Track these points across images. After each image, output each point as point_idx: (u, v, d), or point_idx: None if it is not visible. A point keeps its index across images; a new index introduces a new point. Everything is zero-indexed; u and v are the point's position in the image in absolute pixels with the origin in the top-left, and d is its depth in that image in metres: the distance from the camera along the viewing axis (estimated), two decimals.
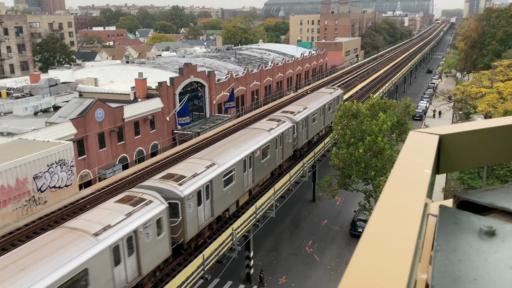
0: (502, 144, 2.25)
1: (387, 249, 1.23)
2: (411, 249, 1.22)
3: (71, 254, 14.77)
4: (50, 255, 14.45)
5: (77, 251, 14.99)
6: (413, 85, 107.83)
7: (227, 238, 24.32)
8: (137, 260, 17.65)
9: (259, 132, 29.54)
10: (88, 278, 15.14)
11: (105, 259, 15.90)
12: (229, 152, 25.45)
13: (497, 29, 72.40)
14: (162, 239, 18.98)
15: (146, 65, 55.30)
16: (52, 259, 14.29)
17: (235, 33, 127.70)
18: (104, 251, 15.82)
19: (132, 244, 17.29)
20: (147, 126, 41.38)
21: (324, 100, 41.56)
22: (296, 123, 34.16)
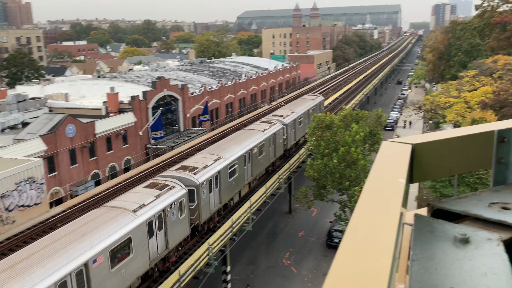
0: (472, 152, 2.29)
1: (365, 260, 1.22)
2: (388, 259, 1.21)
3: (119, 224, 18.10)
4: (103, 224, 17.76)
5: (122, 223, 18.26)
6: (384, 96, 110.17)
7: (203, 253, 24.02)
8: (165, 235, 20.82)
9: (254, 132, 33.46)
10: (131, 245, 18.40)
11: (142, 231, 19.13)
12: (232, 149, 29.12)
13: (462, 41, 75.02)
14: (183, 219, 22.25)
15: (118, 80, 54.66)
16: (105, 227, 17.61)
17: (208, 47, 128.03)
18: (142, 225, 19.08)
19: (162, 221, 20.40)
20: (120, 141, 40.76)
21: (308, 105, 45.82)
22: (285, 125, 37.97)
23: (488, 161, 2.24)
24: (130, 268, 18.48)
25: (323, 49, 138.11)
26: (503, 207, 1.90)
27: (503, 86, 46.88)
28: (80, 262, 15.82)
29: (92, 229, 17.29)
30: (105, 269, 16.98)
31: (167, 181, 22.38)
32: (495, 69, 54.78)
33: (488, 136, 2.21)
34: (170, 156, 38.34)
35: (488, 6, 77.69)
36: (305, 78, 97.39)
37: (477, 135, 2.25)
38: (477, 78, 53.92)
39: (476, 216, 1.83)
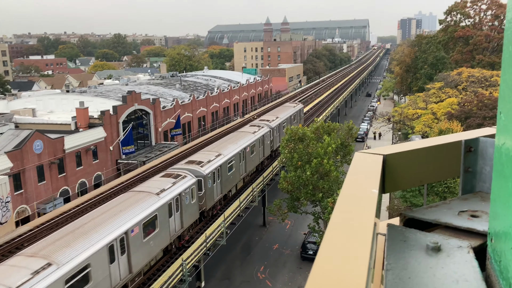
0: (441, 162, 2.34)
1: (341, 271, 1.22)
2: (364, 270, 1.22)
3: (147, 204, 21.90)
4: (135, 203, 21.62)
5: (149, 202, 22.08)
6: (354, 108, 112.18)
7: (176, 269, 23.63)
8: (181, 216, 24.47)
9: (246, 134, 38.00)
10: (156, 222, 22.13)
11: (165, 210, 22.90)
12: (229, 147, 33.57)
13: (428, 54, 77.46)
14: (194, 204, 26.20)
15: (87, 94, 53.74)
16: (137, 206, 21.49)
17: (180, 60, 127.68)
18: (164, 205, 22.80)
19: (178, 204, 24.15)
20: (90, 157, 39.92)
21: (290, 111, 51.18)
22: (272, 129, 42.61)
23: (456, 170, 2.30)
24: (156, 240, 22.19)
25: (294, 63, 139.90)
26: (472, 215, 1.95)
27: (468, 98, 48.54)
28: (122, 230, 19.61)
29: (127, 207, 21.22)
30: (139, 238, 20.81)
31: (180, 171, 26.55)
32: (459, 81, 56.73)
33: (456, 146, 2.27)
34: (142, 170, 37.78)
35: (451, 21, 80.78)
36: (277, 91, 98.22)
37: (445, 145, 2.31)
38: (443, 90, 55.66)
39: (447, 224, 1.87)
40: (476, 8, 79.15)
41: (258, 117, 53.62)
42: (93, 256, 17.60)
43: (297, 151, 32.02)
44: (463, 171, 2.24)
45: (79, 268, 16.73)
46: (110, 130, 42.70)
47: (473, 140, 2.22)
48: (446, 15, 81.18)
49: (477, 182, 2.25)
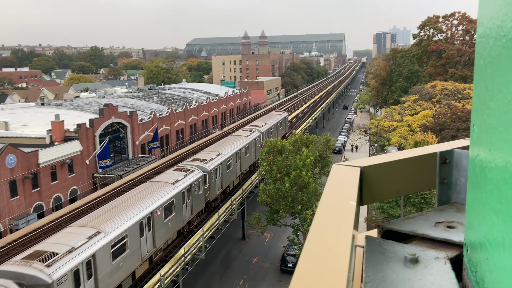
0: (417, 173, 2.37)
1: (320, 285, 1.21)
2: (343, 283, 1.21)
3: (166, 191, 26.01)
4: (156, 191, 25.69)
5: (167, 190, 26.20)
6: (331, 120, 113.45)
7: (155, 284, 23.20)
8: (191, 204, 28.55)
9: (240, 137, 43.08)
10: (173, 207, 26.20)
11: (180, 197, 26.98)
12: (227, 148, 37.77)
13: (402, 67, 79.20)
14: (201, 195, 30.42)
15: (63, 107, 52.84)
16: (158, 192, 25.55)
17: (158, 73, 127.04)
18: (179, 193, 26.97)
19: (189, 193, 28.24)
20: (65, 171, 39.11)
21: (277, 119, 56.68)
22: (262, 133, 47.39)
23: (432, 182, 2.33)
24: (173, 222, 26.15)
25: (272, 76, 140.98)
26: (448, 226, 1.97)
27: (442, 110, 49.69)
28: (149, 211, 23.46)
29: (149, 193, 25.18)
30: (161, 219, 24.71)
31: (189, 166, 31.04)
32: (433, 94, 58.09)
33: (431, 158, 2.31)
34: (119, 184, 37.18)
35: (425, 35, 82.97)
36: (256, 104, 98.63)
37: (421, 157, 2.35)
38: (417, 102, 56.86)
39: (424, 235, 1.89)
40: (448, 23, 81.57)
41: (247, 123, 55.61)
42: (129, 229, 21.54)
43: (276, 164, 32.09)
44: (439, 183, 2.27)
45: (119, 237, 20.70)
46: (87, 144, 42.01)
47: (447, 152, 2.26)
48: (419, 30, 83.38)
49: (453, 193, 2.28)
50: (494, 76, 1.19)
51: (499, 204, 1.13)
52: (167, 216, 25.57)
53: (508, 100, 1.06)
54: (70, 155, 39.65)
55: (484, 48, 1.29)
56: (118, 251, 20.64)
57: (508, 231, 1.04)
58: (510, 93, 1.05)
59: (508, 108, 1.06)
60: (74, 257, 17.70)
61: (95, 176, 42.53)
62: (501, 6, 1.12)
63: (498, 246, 1.12)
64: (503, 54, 1.11)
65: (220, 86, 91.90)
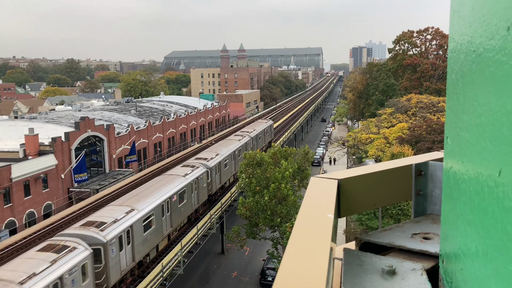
0: (394, 185, 2.40)
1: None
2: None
3: (179, 181, 30.93)
4: (170, 181, 30.53)
5: (180, 181, 31.11)
6: (310, 133, 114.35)
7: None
8: (198, 194, 33.59)
9: (233, 141, 48.34)
10: (185, 195, 30.86)
11: (190, 188, 31.91)
12: (223, 149, 43.29)
13: (378, 81, 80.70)
14: (205, 188, 35.32)
15: (37, 120, 51.76)
16: (172, 182, 30.38)
17: (135, 86, 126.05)
18: (189, 183, 31.85)
19: (197, 185, 33.01)
20: (39, 186, 38.18)
21: (263, 126, 62.17)
22: (252, 138, 53.74)
23: (408, 193, 2.36)
24: (185, 208, 30.89)
25: (251, 89, 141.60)
26: (424, 237, 2.00)
27: (417, 123, 50.68)
28: (167, 196, 28.36)
29: (165, 183, 30.02)
30: (176, 204, 29.57)
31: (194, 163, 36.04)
32: (409, 107, 59.27)
33: (407, 170, 2.34)
34: (95, 199, 36.47)
35: (400, 49, 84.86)
36: (235, 117, 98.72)
37: (397, 169, 2.38)
38: (393, 115, 57.90)
39: (401, 247, 1.91)
40: (422, 38, 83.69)
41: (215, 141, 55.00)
42: (154, 209, 26.30)
43: (255, 176, 32.06)
44: (415, 194, 2.30)
45: (148, 214, 25.32)
46: (62, 158, 41.18)
47: (423, 164, 2.30)
48: (394, 44, 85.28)
49: (428, 205, 2.31)
50: (465, 90, 1.23)
51: (472, 215, 1.15)
52: (181, 202, 30.58)
53: (479, 113, 1.09)
54: (44, 169, 38.77)
55: (455, 62, 1.32)
56: (147, 226, 25.52)
57: (481, 241, 1.06)
58: (480, 107, 1.08)
59: (479, 121, 1.09)
60: (118, 226, 22.47)
61: (71, 190, 41.65)
62: (470, 23, 1.15)
63: (472, 257, 1.14)
64: (473, 69, 1.14)
65: (199, 99, 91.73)
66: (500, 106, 0.91)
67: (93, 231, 21.23)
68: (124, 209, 24.55)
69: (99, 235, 21.14)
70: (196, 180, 33.25)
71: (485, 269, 1.02)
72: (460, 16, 1.27)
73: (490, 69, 0.99)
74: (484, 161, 1.04)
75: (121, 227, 22.60)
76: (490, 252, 0.97)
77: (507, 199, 0.86)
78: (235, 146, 46.07)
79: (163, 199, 27.60)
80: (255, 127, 60.89)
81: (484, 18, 1.04)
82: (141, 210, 24.99)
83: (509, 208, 0.84)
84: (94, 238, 20.80)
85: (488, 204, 0.98)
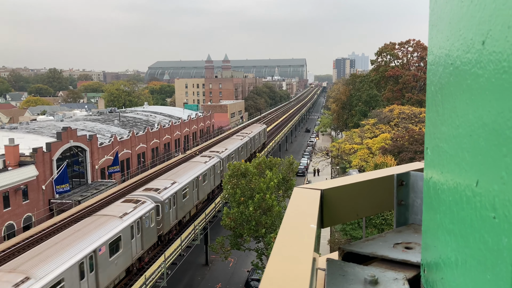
0: (376, 195, 2.42)
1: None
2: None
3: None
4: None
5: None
6: (294, 143, 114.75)
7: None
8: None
9: (236, 140, 56.25)
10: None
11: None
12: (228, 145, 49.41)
13: (361, 92, 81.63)
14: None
15: (18, 130, 50.91)
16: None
17: (119, 96, 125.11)
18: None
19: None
20: (19, 197, 37.43)
21: (258, 130, 69.33)
22: (250, 138, 61.09)
23: (390, 204, 2.38)
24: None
25: (236, 99, 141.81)
26: (406, 247, 2.01)
27: (399, 133, 51.31)
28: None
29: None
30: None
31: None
32: (391, 118, 60.02)
33: (389, 180, 2.36)
34: (77, 210, 35.85)
35: (382, 61, 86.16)
36: (219, 127, 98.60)
37: (379, 179, 2.40)
38: (376, 126, 58.54)
39: (383, 257, 1.92)
40: (404, 50, 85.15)
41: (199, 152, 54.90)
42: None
43: (240, 187, 31.96)
44: (396, 204, 2.32)
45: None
46: (43, 168, 40.49)
47: (404, 174, 2.33)
48: (377, 56, 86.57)
49: (410, 215, 2.34)
50: (444, 102, 1.25)
51: (451, 224, 1.17)
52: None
53: (457, 125, 1.11)
54: (24, 181, 38.06)
55: (434, 75, 1.35)
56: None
57: (460, 251, 1.08)
58: (458, 118, 1.10)
59: (457, 132, 1.11)
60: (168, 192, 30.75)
61: (52, 202, 40.90)
62: (448, 37, 1.18)
63: (452, 266, 1.15)
64: (451, 81, 1.17)
65: (183, 109, 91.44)
66: (477, 118, 0.93)
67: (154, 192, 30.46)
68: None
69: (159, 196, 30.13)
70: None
71: (464, 278, 1.03)
72: (438, 30, 1.30)
73: (467, 82, 1.01)
74: (462, 171, 1.06)
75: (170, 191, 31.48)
76: (469, 261, 0.99)
77: (484, 208, 0.88)
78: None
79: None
80: (252, 129, 66.54)
81: (461, 32, 1.06)
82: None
83: (486, 218, 0.86)
84: (156, 198, 29.67)
85: (466, 214, 1.00)
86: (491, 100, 0.84)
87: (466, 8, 0.99)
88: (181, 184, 34.19)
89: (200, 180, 38.77)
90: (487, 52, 0.86)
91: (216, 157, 44.31)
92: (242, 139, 56.79)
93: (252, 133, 64.00)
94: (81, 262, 20.69)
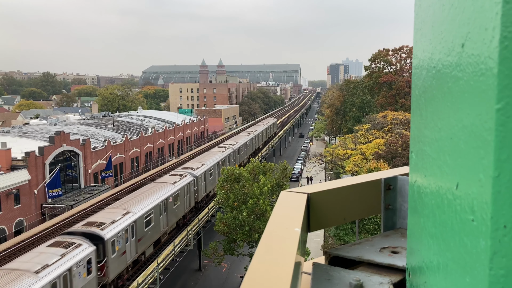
0: (363, 200, 2.42)
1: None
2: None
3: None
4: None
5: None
6: (288, 148, 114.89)
7: None
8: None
9: (243, 136, 60.11)
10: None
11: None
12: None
13: (355, 98, 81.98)
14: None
15: (11, 134, 50.61)
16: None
17: (113, 100, 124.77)
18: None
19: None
20: (11, 201, 37.13)
21: (266, 125, 76.71)
22: (256, 135, 64.72)
23: (378, 208, 2.38)
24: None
25: (230, 104, 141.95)
26: (392, 251, 2.01)
27: (393, 139, 51.54)
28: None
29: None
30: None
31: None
32: (385, 123, 60.31)
33: (377, 184, 2.36)
34: (69, 215, 35.59)
35: (376, 67, 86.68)
36: (213, 132, 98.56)
37: (366, 183, 2.40)
38: (370, 131, 58.79)
39: (369, 261, 1.91)
40: (397, 56, 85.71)
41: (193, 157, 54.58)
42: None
43: (233, 192, 31.92)
44: (384, 209, 2.32)
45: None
46: (35, 173, 40.22)
47: (391, 179, 2.33)
48: (370, 62, 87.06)
49: (397, 219, 2.33)
50: (427, 105, 1.25)
51: (434, 228, 1.16)
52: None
53: (439, 128, 1.11)
54: (16, 185, 37.77)
55: (418, 79, 1.36)
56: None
57: (441, 254, 1.08)
58: (440, 121, 1.10)
59: (439, 135, 1.11)
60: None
61: (44, 206, 40.60)
62: (431, 40, 1.19)
63: (434, 270, 1.15)
64: (433, 84, 1.17)
65: (177, 113, 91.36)
66: (457, 121, 0.95)
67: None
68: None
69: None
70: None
71: (445, 282, 1.03)
72: (422, 33, 1.30)
73: (448, 85, 1.01)
74: (444, 174, 1.06)
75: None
76: (450, 264, 0.99)
77: (464, 211, 0.89)
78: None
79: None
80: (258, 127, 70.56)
81: (442, 35, 1.06)
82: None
83: (466, 221, 0.87)
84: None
85: (447, 217, 1.00)
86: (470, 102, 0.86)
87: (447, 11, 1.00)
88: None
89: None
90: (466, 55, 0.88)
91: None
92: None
93: (257, 131, 64.27)
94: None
